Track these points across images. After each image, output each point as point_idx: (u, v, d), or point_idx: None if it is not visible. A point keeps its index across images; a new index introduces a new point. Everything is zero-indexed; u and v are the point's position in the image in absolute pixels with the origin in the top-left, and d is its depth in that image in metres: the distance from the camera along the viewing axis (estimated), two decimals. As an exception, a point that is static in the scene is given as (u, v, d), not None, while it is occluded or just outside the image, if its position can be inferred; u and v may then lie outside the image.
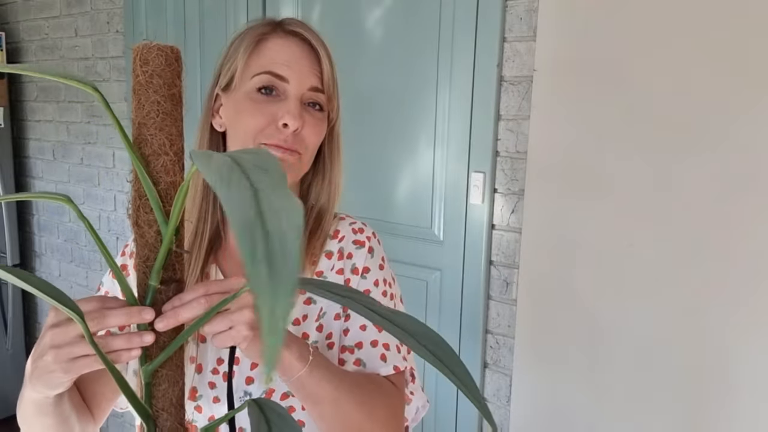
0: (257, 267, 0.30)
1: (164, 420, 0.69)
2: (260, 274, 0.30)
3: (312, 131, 0.96)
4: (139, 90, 0.52)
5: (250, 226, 0.32)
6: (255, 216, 0.33)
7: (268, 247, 0.31)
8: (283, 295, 0.29)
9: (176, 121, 0.55)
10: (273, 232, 0.32)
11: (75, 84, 0.46)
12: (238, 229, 0.31)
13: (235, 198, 0.34)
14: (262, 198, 0.34)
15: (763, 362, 1.48)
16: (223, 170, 0.37)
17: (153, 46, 0.51)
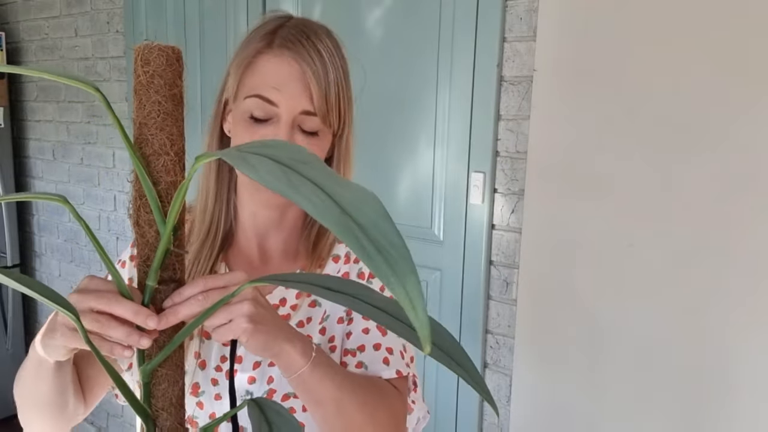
0: (374, 260, 0.32)
1: (164, 419, 0.69)
2: (380, 266, 0.31)
3: None
4: (140, 90, 0.52)
5: (344, 225, 0.33)
6: (341, 214, 0.34)
7: (370, 239, 0.32)
8: (408, 275, 0.31)
9: (177, 121, 0.55)
10: (366, 225, 0.33)
11: (77, 84, 0.47)
12: (337, 231, 0.33)
13: (315, 201, 0.35)
14: (332, 194, 0.36)
15: (763, 362, 1.48)
16: (278, 173, 0.37)
17: (154, 46, 0.51)
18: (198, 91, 2.60)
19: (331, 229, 0.33)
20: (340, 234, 0.32)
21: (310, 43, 0.92)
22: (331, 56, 0.94)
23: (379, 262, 0.31)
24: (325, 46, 0.94)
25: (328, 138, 0.95)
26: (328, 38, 0.96)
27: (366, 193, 0.35)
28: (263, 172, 0.37)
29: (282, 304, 1.00)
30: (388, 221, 0.33)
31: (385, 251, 0.32)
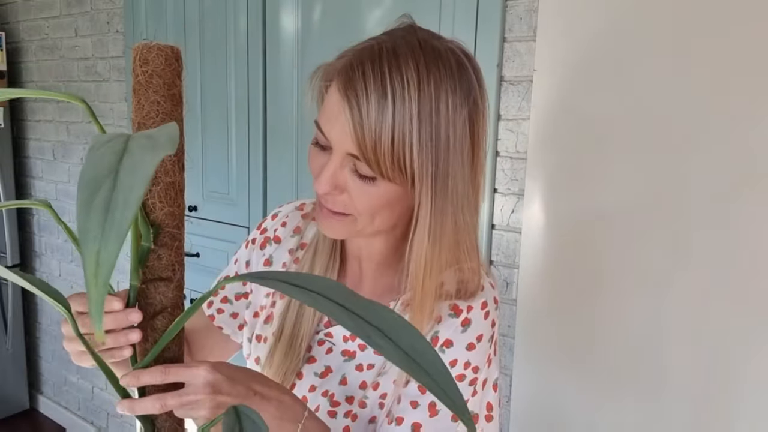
0: (90, 214, 0.30)
1: (163, 420, 0.69)
2: (90, 225, 0.30)
3: (358, 197, 0.80)
4: (139, 90, 0.52)
5: (97, 180, 0.32)
6: (108, 172, 0.33)
7: (111, 196, 0.31)
8: (112, 240, 0.29)
9: (176, 122, 0.55)
10: (120, 185, 0.32)
11: (64, 98, 0.47)
12: (81, 186, 0.32)
13: (95, 158, 0.34)
14: (125, 158, 0.34)
15: (763, 362, 1.48)
16: (103, 138, 0.37)
17: (153, 45, 0.51)
18: (198, 91, 2.60)
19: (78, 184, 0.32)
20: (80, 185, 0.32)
21: (376, 75, 0.75)
22: (403, 93, 0.74)
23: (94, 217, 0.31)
24: (400, 79, 0.75)
25: (393, 188, 0.79)
26: (417, 70, 0.77)
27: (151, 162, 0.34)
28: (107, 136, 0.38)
29: (352, 338, 0.93)
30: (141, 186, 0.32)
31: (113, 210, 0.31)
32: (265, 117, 2.41)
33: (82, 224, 0.30)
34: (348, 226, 0.84)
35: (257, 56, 2.39)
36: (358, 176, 0.79)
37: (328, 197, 0.82)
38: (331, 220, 0.84)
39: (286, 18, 2.28)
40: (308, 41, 2.22)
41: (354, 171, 0.80)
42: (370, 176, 0.78)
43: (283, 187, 2.39)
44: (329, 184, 0.80)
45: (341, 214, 0.83)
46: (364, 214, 0.82)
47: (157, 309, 0.64)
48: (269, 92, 2.38)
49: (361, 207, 0.81)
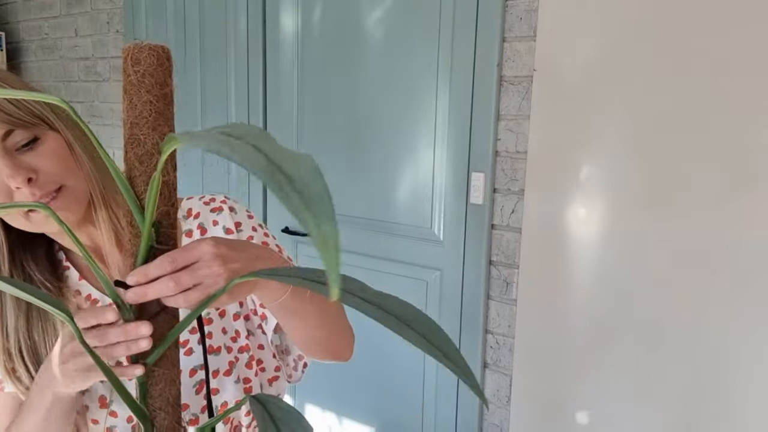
0: (290, 198, 0.31)
1: (162, 419, 0.69)
2: (294, 202, 0.30)
3: (45, 166, 0.80)
4: (131, 90, 0.52)
5: (269, 171, 0.32)
6: (269, 164, 0.33)
7: (293, 186, 0.31)
8: (322, 213, 0.30)
9: (168, 121, 0.55)
10: (294, 176, 0.32)
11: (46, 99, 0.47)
12: (260, 174, 0.32)
13: (244, 152, 0.34)
14: (268, 153, 0.35)
15: (763, 362, 1.48)
16: (217, 138, 0.37)
17: (144, 45, 0.51)
18: (198, 91, 2.60)
19: (252, 172, 0.32)
20: (259, 174, 0.31)
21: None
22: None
23: (294, 199, 0.31)
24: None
25: (55, 144, 0.82)
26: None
27: (304, 156, 0.34)
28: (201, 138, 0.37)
29: None
30: (318, 175, 0.33)
31: (303, 193, 0.31)
32: (265, 117, 2.41)
33: (291, 209, 0.31)
34: (69, 202, 0.83)
35: (257, 56, 2.38)
36: (25, 149, 0.80)
37: (32, 188, 0.79)
38: (55, 204, 0.82)
39: (286, 18, 2.28)
40: (308, 41, 2.22)
41: (18, 149, 0.79)
42: (29, 141, 0.80)
43: (283, 187, 2.38)
44: (18, 169, 0.78)
45: (52, 192, 0.81)
46: (58, 175, 0.82)
47: (156, 309, 0.64)
48: (269, 92, 2.38)
49: (51, 173, 0.81)
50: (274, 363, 1.03)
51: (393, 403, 2.20)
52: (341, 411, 2.37)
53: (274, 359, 1.03)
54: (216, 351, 0.95)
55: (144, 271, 0.60)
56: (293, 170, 0.32)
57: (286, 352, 1.06)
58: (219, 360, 0.95)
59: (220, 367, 0.94)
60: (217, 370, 0.94)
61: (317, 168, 0.33)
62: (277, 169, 0.32)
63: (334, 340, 0.95)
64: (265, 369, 1.03)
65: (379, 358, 2.12)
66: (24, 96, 0.47)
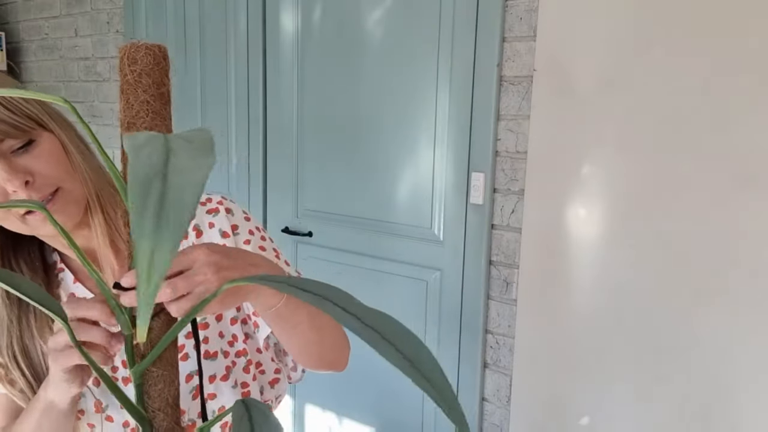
0: (144, 216, 0.29)
1: (161, 420, 0.68)
2: (145, 223, 0.29)
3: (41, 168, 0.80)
4: (128, 90, 0.52)
5: (148, 181, 0.31)
6: (156, 174, 0.32)
7: (163, 198, 0.30)
8: (167, 241, 0.29)
9: (165, 120, 0.54)
10: (172, 186, 0.31)
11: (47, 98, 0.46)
12: (133, 184, 0.30)
13: (142, 159, 0.33)
14: (171, 159, 0.33)
15: (763, 361, 1.47)
16: (142, 138, 0.36)
17: (141, 45, 0.51)
18: (198, 91, 2.60)
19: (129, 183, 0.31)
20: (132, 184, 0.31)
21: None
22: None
23: (147, 219, 0.30)
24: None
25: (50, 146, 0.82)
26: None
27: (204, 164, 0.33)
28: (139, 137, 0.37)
29: None
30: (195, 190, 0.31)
31: (165, 212, 0.30)
32: (265, 117, 2.41)
33: (136, 224, 0.29)
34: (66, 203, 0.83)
35: (257, 56, 2.38)
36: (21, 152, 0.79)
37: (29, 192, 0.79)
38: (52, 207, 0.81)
39: (286, 18, 2.28)
40: (308, 41, 2.22)
41: (13, 152, 0.79)
42: (23, 145, 0.79)
43: (283, 187, 2.39)
44: (16, 173, 0.77)
45: (49, 195, 0.81)
46: (55, 177, 0.82)
47: (155, 310, 0.64)
48: (269, 92, 2.38)
49: (48, 175, 0.81)
50: (274, 365, 1.03)
51: (393, 403, 2.20)
52: (341, 411, 2.37)
53: (273, 362, 1.02)
54: (212, 356, 0.94)
55: None
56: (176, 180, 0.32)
57: (285, 353, 1.05)
58: (216, 365, 0.94)
59: (216, 371, 0.94)
60: (214, 375, 0.94)
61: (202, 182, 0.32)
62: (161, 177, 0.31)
63: (328, 350, 0.94)
64: (264, 372, 1.02)
65: (378, 359, 2.12)
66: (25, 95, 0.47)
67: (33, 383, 0.88)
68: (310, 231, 2.32)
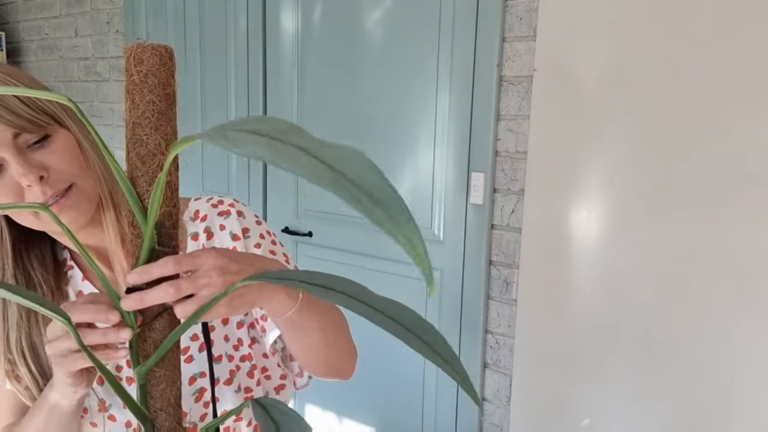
0: (375, 213, 0.32)
1: (163, 420, 0.68)
2: (380, 218, 0.32)
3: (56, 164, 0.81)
4: (134, 90, 0.52)
5: (339, 183, 0.33)
6: (332, 173, 0.33)
7: (364, 193, 0.32)
8: (405, 222, 0.31)
9: (171, 121, 0.54)
10: (357, 180, 0.33)
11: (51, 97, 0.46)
12: (331, 188, 0.32)
13: (305, 165, 0.34)
14: (318, 155, 0.35)
15: (764, 361, 1.48)
16: (263, 145, 0.36)
17: (147, 45, 0.51)
18: (198, 91, 2.60)
19: (328, 188, 0.32)
20: (337, 193, 0.32)
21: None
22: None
23: (379, 215, 0.32)
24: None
25: (65, 142, 0.83)
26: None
27: (349, 150, 0.35)
28: (249, 146, 0.37)
29: None
30: (377, 172, 0.33)
31: (381, 203, 0.32)
32: (265, 117, 2.41)
33: (379, 224, 0.32)
34: (79, 201, 0.83)
35: (257, 56, 2.39)
36: (36, 147, 0.80)
37: (44, 187, 0.79)
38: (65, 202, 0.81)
39: (286, 18, 2.28)
40: (308, 41, 2.22)
41: (29, 146, 0.79)
42: (39, 139, 0.80)
43: (283, 187, 2.39)
44: (31, 167, 0.78)
45: (64, 191, 0.81)
46: (70, 173, 0.82)
47: (157, 310, 0.64)
48: (269, 92, 2.38)
49: (62, 171, 0.81)
50: (280, 371, 1.02)
51: (393, 403, 2.21)
52: (341, 411, 2.37)
53: (279, 368, 1.02)
54: (217, 359, 0.94)
55: (147, 270, 0.59)
56: (353, 172, 0.33)
57: (291, 358, 1.05)
58: (219, 368, 0.94)
59: (220, 375, 0.94)
60: (218, 379, 0.94)
61: (371, 162, 0.34)
62: (341, 176, 0.33)
63: (336, 358, 0.94)
64: (270, 377, 1.02)
65: (379, 359, 2.12)
66: (33, 94, 0.47)
67: (39, 380, 0.88)
68: (310, 231, 2.32)
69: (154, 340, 0.66)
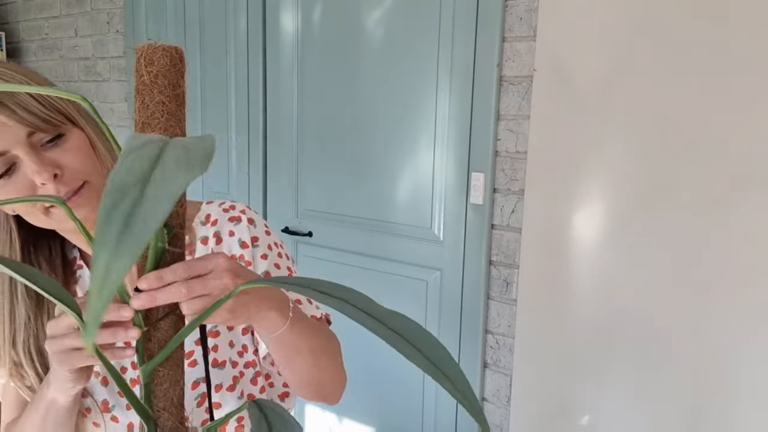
0: (108, 226, 0.29)
1: (165, 420, 0.69)
2: (109, 231, 0.29)
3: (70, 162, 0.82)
4: (144, 90, 0.52)
5: (123, 189, 0.31)
6: (135, 182, 0.32)
7: (135, 209, 0.30)
8: (126, 255, 0.28)
9: (180, 122, 0.55)
10: (147, 198, 0.31)
11: (64, 95, 0.47)
12: (108, 191, 0.30)
13: (126, 164, 0.33)
14: (158, 167, 0.33)
15: (763, 361, 1.48)
16: (139, 141, 0.35)
17: (158, 46, 0.51)
18: (198, 91, 2.60)
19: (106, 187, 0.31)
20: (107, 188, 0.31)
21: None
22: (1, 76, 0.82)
23: (113, 227, 0.29)
24: None
25: (78, 140, 0.84)
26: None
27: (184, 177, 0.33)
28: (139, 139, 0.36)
29: None
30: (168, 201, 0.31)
31: (133, 223, 0.30)
32: (265, 117, 2.41)
33: (99, 232, 0.29)
34: (92, 196, 0.84)
35: (257, 56, 2.39)
36: (50, 145, 0.81)
37: (57, 184, 0.80)
38: (77, 200, 0.82)
39: (286, 18, 2.28)
40: (308, 41, 2.23)
41: (42, 145, 0.80)
42: (53, 137, 0.81)
43: (283, 187, 2.39)
44: (45, 166, 0.79)
45: (77, 189, 0.82)
46: (83, 171, 0.83)
47: (163, 311, 0.65)
48: (269, 92, 2.38)
49: (75, 168, 0.82)
50: (282, 379, 1.03)
51: (393, 404, 2.21)
52: (341, 413, 2.38)
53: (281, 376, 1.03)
54: (221, 365, 0.95)
55: (159, 275, 0.60)
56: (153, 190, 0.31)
57: None
58: (223, 374, 0.94)
59: (223, 381, 0.94)
60: (221, 384, 0.94)
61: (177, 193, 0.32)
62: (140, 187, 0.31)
63: (323, 382, 0.95)
64: (274, 385, 1.02)
65: (379, 360, 2.12)
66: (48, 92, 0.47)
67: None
68: (310, 231, 2.32)
69: (159, 340, 0.66)
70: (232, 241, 0.97)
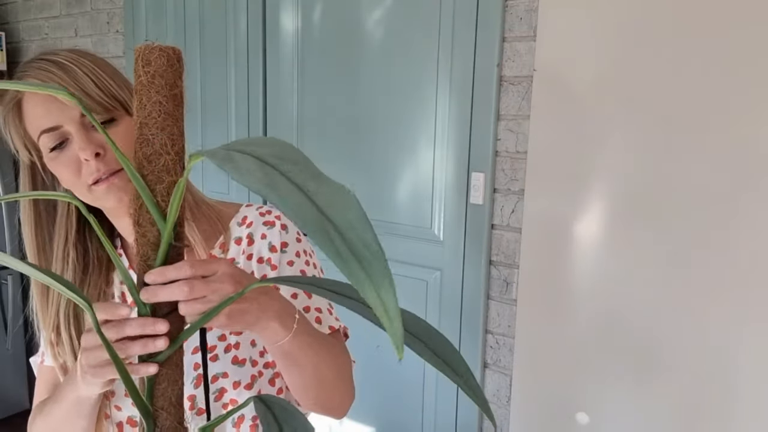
0: (348, 264, 0.31)
1: (164, 419, 0.69)
2: (354, 270, 0.30)
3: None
4: (141, 90, 0.53)
5: (319, 226, 0.32)
6: (317, 213, 0.33)
7: (345, 240, 0.31)
8: (382, 280, 0.30)
9: (177, 121, 0.55)
10: (342, 226, 0.32)
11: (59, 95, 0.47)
12: (310, 232, 0.32)
13: (291, 201, 0.34)
14: (310, 192, 0.34)
15: (763, 361, 1.48)
16: (258, 173, 0.36)
17: (155, 46, 0.52)
18: (198, 91, 2.60)
19: (305, 230, 0.32)
20: (312, 235, 0.32)
21: (45, 63, 0.88)
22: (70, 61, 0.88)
23: (353, 266, 0.31)
24: (62, 57, 0.88)
25: (124, 127, 0.89)
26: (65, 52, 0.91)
27: (344, 193, 0.34)
28: (244, 170, 0.37)
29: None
30: (366, 223, 0.32)
31: (359, 254, 0.31)
32: (265, 117, 2.41)
33: (352, 278, 0.31)
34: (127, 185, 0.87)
35: (257, 56, 2.39)
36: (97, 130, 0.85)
37: (98, 163, 0.85)
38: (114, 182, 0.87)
39: (286, 18, 2.28)
40: (308, 41, 2.23)
41: (93, 126, 0.86)
42: (109, 119, 0.87)
43: (283, 187, 2.39)
44: (89, 143, 0.85)
45: (115, 172, 0.87)
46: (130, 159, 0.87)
47: (168, 309, 0.65)
48: (269, 92, 2.38)
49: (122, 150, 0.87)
50: None
51: (393, 403, 2.21)
52: (341, 410, 2.38)
53: None
54: (241, 362, 0.96)
55: (162, 272, 0.62)
56: (340, 217, 0.32)
57: None
58: (242, 372, 0.95)
59: (242, 379, 0.95)
60: (239, 382, 0.95)
61: (362, 212, 0.33)
62: (325, 219, 0.32)
63: (327, 396, 0.96)
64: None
65: (379, 359, 2.12)
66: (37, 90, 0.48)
67: (77, 351, 0.92)
68: (311, 231, 2.32)
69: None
70: (262, 244, 0.99)
